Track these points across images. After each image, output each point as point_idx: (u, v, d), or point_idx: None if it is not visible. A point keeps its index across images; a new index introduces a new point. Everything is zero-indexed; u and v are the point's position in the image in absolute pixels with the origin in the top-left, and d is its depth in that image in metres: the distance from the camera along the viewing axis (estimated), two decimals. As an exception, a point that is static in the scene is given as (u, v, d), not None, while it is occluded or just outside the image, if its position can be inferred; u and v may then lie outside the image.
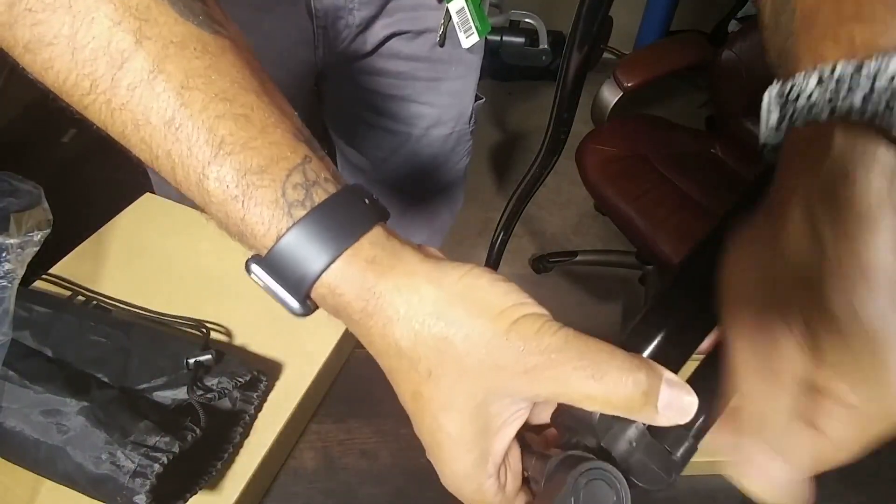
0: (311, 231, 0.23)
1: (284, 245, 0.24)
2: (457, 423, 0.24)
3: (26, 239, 0.44)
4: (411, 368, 0.24)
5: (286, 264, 0.24)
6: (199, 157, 0.23)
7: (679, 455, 0.26)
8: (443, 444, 0.25)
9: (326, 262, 0.23)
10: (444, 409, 0.24)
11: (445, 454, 0.25)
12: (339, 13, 0.59)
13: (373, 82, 0.71)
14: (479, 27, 0.63)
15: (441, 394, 0.24)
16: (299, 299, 0.25)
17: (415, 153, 0.79)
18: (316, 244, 0.23)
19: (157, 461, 0.37)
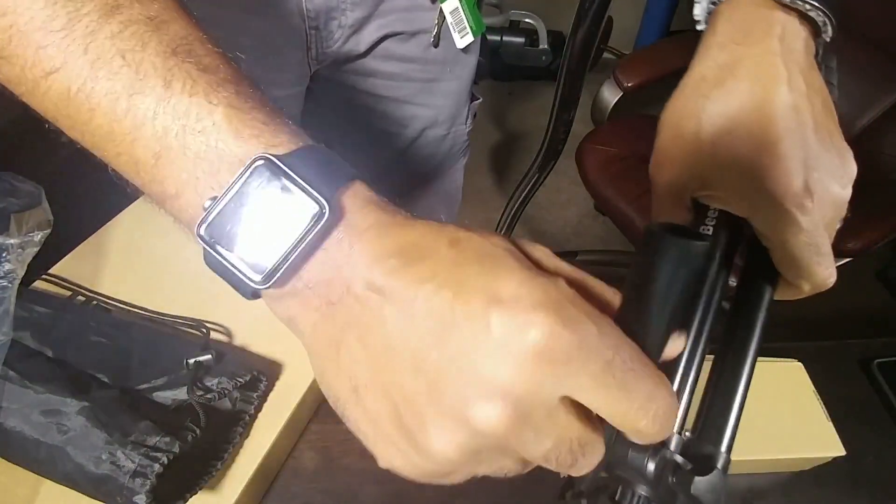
0: (333, 153, 0.24)
1: (321, 149, 0.23)
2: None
3: (26, 239, 0.44)
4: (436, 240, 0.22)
5: (323, 162, 0.23)
6: (215, 76, 0.23)
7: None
8: (500, 256, 0.21)
9: (355, 173, 0.23)
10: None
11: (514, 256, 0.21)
12: (331, 14, 0.59)
13: (367, 84, 0.70)
14: (473, 27, 0.63)
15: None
16: (332, 196, 0.22)
17: (411, 154, 0.79)
18: (343, 161, 0.23)
19: (157, 461, 0.37)
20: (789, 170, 0.27)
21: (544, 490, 0.51)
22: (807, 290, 0.30)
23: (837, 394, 0.56)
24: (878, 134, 1.27)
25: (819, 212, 0.27)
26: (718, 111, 0.29)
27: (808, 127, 0.28)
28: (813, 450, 0.52)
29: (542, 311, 0.19)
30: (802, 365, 0.58)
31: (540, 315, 0.19)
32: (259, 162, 0.21)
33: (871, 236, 1.12)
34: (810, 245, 0.28)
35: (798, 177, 0.27)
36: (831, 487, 0.54)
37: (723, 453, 0.27)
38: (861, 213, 1.17)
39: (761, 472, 0.54)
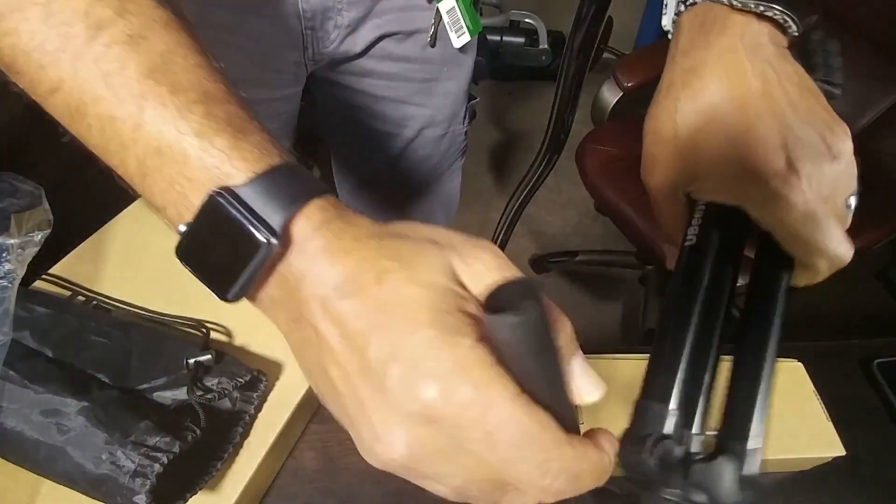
0: (297, 172, 0.25)
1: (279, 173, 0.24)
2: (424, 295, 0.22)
3: (27, 239, 0.44)
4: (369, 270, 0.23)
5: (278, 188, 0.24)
6: (184, 98, 0.24)
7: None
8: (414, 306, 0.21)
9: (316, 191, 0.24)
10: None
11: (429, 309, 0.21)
12: (327, 14, 0.59)
13: (364, 84, 0.70)
14: (470, 27, 0.63)
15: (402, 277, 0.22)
16: (278, 226, 0.23)
17: (408, 154, 0.79)
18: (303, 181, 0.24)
19: (158, 461, 0.37)
20: (768, 152, 0.29)
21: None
22: (825, 267, 0.31)
23: (837, 394, 0.56)
24: (878, 134, 1.27)
25: (811, 188, 0.29)
26: (690, 110, 0.31)
27: (784, 110, 0.29)
28: (813, 450, 0.52)
29: (432, 381, 0.20)
30: (802, 365, 0.58)
31: (430, 387, 0.20)
32: (216, 198, 0.23)
33: (871, 236, 1.12)
34: (808, 221, 0.29)
35: (778, 157, 0.29)
36: (831, 487, 0.54)
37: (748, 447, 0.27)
38: (861, 213, 1.17)
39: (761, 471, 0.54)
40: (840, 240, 0.30)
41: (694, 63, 0.32)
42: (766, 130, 0.29)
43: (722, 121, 0.30)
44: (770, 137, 0.29)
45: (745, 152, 0.29)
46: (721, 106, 0.30)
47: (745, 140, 0.29)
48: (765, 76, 0.30)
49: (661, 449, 0.25)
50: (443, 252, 0.23)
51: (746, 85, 0.30)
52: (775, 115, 0.29)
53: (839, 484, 0.54)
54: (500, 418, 0.20)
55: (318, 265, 0.23)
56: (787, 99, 0.30)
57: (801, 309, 1.65)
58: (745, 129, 0.29)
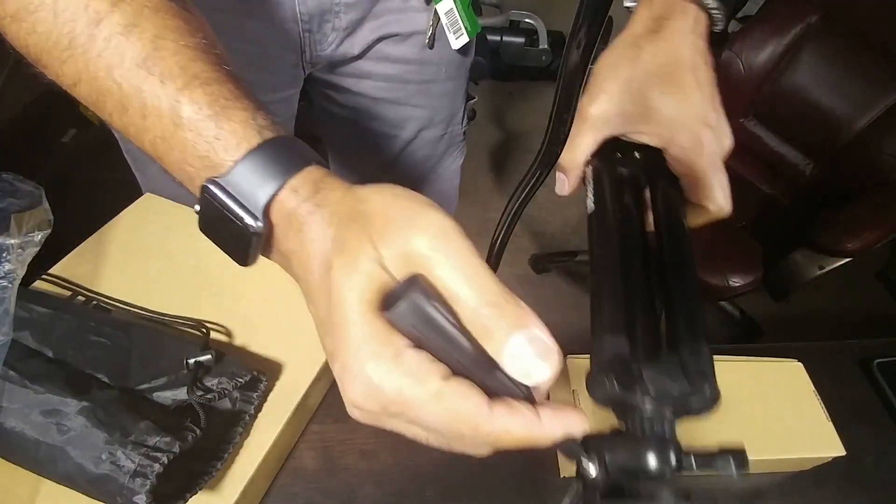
0: (280, 148, 0.27)
1: (254, 157, 0.26)
2: (362, 282, 0.24)
3: (27, 239, 0.44)
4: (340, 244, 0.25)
5: (252, 176, 0.26)
6: (172, 86, 0.26)
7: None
8: (355, 298, 0.24)
9: (296, 170, 0.26)
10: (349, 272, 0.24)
11: (356, 306, 0.24)
12: (324, 16, 0.59)
13: (362, 86, 0.70)
14: (468, 28, 0.62)
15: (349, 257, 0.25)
16: (258, 211, 0.26)
17: (407, 156, 0.78)
18: (285, 159, 0.26)
19: (158, 461, 0.37)
20: (706, 107, 0.38)
21: (545, 492, 0.52)
22: (712, 209, 0.39)
23: (837, 394, 0.56)
24: (878, 134, 1.27)
25: (716, 141, 0.37)
26: (650, 61, 0.38)
27: (705, 83, 0.38)
28: (813, 450, 0.52)
29: (360, 385, 0.24)
30: (802, 365, 0.58)
31: (357, 389, 0.24)
32: (208, 188, 0.26)
33: (871, 236, 1.12)
34: (713, 165, 0.37)
35: (711, 112, 0.38)
36: (831, 487, 0.54)
37: (692, 349, 0.29)
38: (861, 213, 1.17)
39: (761, 472, 0.54)
40: (727, 194, 0.38)
41: (657, 26, 0.39)
42: (698, 90, 0.38)
43: (668, 74, 0.38)
44: (710, 97, 0.38)
45: (682, 101, 0.37)
46: (676, 66, 0.38)
47: (683, 93, 0.38)
48: (705, 54, 0.39)
49: (619, 372, 0.27)
50: (382, 242, 0.24)
51: (689, 55, 0.38)
52: (710, 83, 0.38)
53: (839, 484, 0.54)
54: (418, 414, 0.24)
55: (296, 253, 0.26)
56: (705, 76, 0.38)
57: (801, 309, 1.65)
58: (686, 86, 0.38)
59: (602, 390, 0.27)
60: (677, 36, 0.38)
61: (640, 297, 0.31)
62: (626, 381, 0.27)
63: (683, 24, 0.38)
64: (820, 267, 1.19)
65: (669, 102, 0.38)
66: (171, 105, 0.26)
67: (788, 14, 1.37)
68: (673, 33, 0.38)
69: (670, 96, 0.38)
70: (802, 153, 1.42)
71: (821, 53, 1.34)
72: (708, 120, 0.37)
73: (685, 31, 0.38)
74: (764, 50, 1.38)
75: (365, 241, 0.24)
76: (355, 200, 0.26)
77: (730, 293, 1.24)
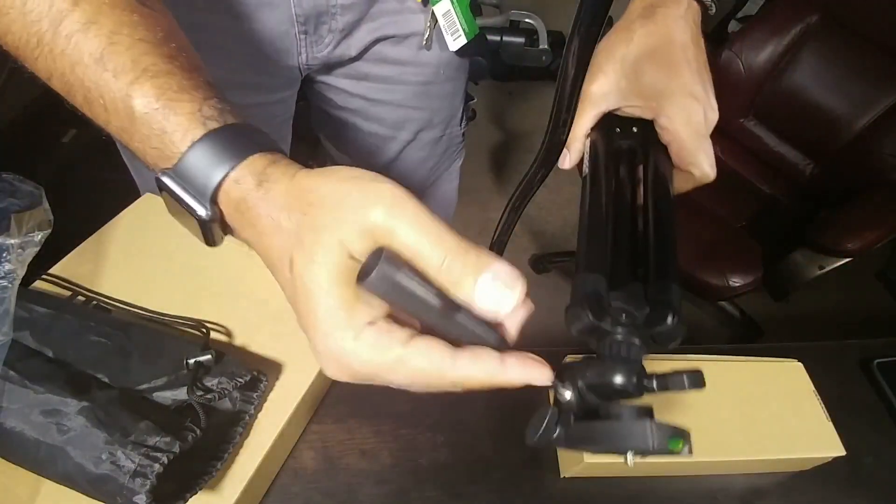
0: (224, 138, 0.28)
1: (199, 148, 0.27)
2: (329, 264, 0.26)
3: (27, 239, 0.44)
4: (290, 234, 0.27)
5: (198, 166, 0.27)
6: (124, 80, 0.27)
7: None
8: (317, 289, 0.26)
9: (238, 160, 0.28)
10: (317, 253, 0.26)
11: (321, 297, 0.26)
12: (320, 18, 0.59)
13: (360, 88, 0.70)
14: (466, 29, 0.62)
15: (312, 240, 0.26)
16: (206, 200, 0.28)
17: (406, 157, 0.78)
18: (229, 149, 0.28)
19: (158, 461, 0.37)
20: (693, 80, 0.42)
21: (545, 492, 0.52)
22: (697, 175, 0.43)
23: (837, 394, 0.56)
24: (878, 134, 1.27)
25: (702, 112, 0.41)
26: (642, 41, 0.41)
27: (693, 61, 0.42)
28: (813, 450, 0.52)
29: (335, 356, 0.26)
30: (802, 365, 0.58)
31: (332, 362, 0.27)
32: (161, 179, 0.28)
33: (871, 236, 1.12)
34: (699, 135, 0.41)
35: (698, 85, 0.42)
36: (831, 487, 0.54)
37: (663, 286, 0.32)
38: (861, 213, 1.17)
39: (761, 472, 0.54)
40: (711, 157, 0.42)
41: (650, 13, 0.43)
42: (688, 66, 0.42)
43: (661, 52, 0.42)
44: (691, 71, 0.42)
45: (674, 76, 0.42)
46: (662, 44, 0.42)
47: (675, 68, 0.42)
48: (692, 38, 0.43)
49: (593, 305, 0.30)
50: (344, 227, 0.26)
51: (681, 36, 0.42)
52: (699, 62, 0.42)
53: (839, 484, 0.54)
54: (386, 378, 0.27)
55: (255, 245, 0.28)
56: (695, 56, 0.42)
57: (801, 309, 1.65)
58: (677, 63, 0.42)
59: (578, 322, 0.30)
60: (669, 20, 0.42)
61: (620, 244, 0.35)
62: (599, 311, 0.30)
63: (675, 11, 0.43)
64: (820, 267, 1.19)
65: (659, 76, 0.42)
66: (123, 98, 0.27)
67: (788, 14, 1.37)
68: (665, 18, 0.42)
69: (660, 71, 0.42)
70: (802, 153, 1.42)
71: (821, 53, 1.34)
72: (695, 93, 0.42)
73: (676, 16, 0.42)
74: (764, 50, 1.38)
75: (321, 232, 0.26)
76: (301, 191, 0.27)
77: (730, 293, 1.24)
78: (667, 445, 0.27)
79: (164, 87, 0.28)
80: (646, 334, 0.30)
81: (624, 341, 0.30)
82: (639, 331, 0.30)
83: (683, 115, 0.41)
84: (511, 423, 0.55)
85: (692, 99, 0.41)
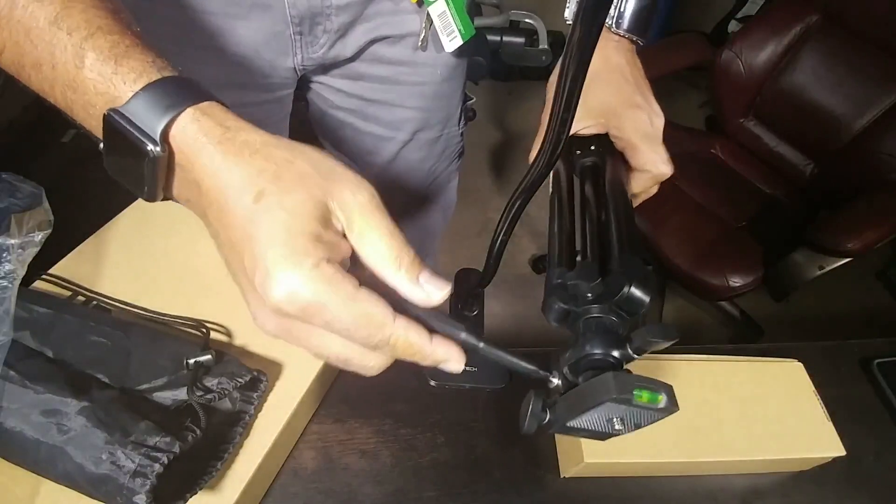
0: (177, 83, 0.28)
1: (152, 88, 0.28)
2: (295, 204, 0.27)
3: (27, 239, 0.44)
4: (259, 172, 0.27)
5: (150, 103, 0.28)
6: (78, 36, 0.28)
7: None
8: (287, 215, 0.27)
9: (193, 101, 0.28)
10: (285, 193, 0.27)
11: (289, 222, 0.27)
12: (315, 19, 0.59)
13: (357, 88, 0.70)
14: (462, 30, 0.62)
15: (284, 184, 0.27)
16: (156, 135, 0.28)
17: (404, 157, 0.78)
18: (183, 91, 0.28)
19: (158, 461, 0.37)
20: (627, 92, 0.48)
21: (545, 492, 0.52)
22: (654, 173, 0.47)
23: (837, 394, 0.56)
24: (877, 134, 1.27)
25: (646, 118, 0.47)
26: (595, 69, 0.42)
27: (631, 77, 0.49)
28: (813, 450, 0.52)
29: (280, 287, 0.26)
30: (802, 365, 0.58)
31: (277, 291, 0.26)
32: (108, 116, 0.28)
33: (871, 236, 1.11)
34: (648, 138, 0.46)
35: (634, 95, 0.48)
36: (831, 487, 0.54)
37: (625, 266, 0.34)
38: (861, 213, 1.17)
39: (761, 472, 0.54)
40: (664, 155, 0.46)
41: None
42: (634, 83, 0.48)
43: (604, 77, 0.48)
44: (636, 86, 0.48)
45: (617, 94, 0.48)
46: (605, 69, 0.48)
47: (619, 86, 0.48)
48: (633, 59, 0.50)
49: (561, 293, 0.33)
50: (323, 185, 0.28)
51: (622, 60, 0.49)
52: (636, 77, 0.49)
53: (839, 484, 0.54)
54: (332, 314, 0.27)
55: (210, 176, 0.28)
56: (632, 77, 0.49)
57: (801, 309, 1.65)
58: (620, 81, 0.48)
59: (551, 311, 0.33)
60: (604, 50, 0.49)
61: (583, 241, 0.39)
62: (567, 297, 0.33)
63: (608, 44, 0.49)
64: (820, 267, 1.19)
65: (604, 96, 0.47)
66: (75, 52, 0.28)
67: (788, 14, 1.37)
68: (602, 49, 0.48)
69: (604, 92, 0.47)
70: (802, 153, 1.41)
71: (821, 53, 1.34)
72: (637, 103, 0.47)
73: (610, 48, 0.49)
74: (764, 50, 1.38)
75: (307, 180, 0.27)
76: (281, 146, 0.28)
77: (730, 293, 1.24)
78: (631, 393, 0.27)
79: (118, 42, 0.28)
80: (614, 307, 0.32)
81: (593, 317, 0.31)
82: (607, 305, 0.32)
83: (630, 123, 0.46)
84: (511, 423, 0.55)
85: (636, 108, 0.47)
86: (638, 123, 0.47)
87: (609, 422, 0.29)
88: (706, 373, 0.55)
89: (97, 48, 0.28)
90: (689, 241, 1.28)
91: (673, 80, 1.75)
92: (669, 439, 0.50)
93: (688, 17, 2.38)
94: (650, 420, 0.29)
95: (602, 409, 0.28)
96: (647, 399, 0.28)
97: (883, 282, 1.86)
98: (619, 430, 0.29)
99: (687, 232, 1.30)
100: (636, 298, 0.31)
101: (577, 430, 0.30)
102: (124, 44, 0.29)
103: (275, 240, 0.26)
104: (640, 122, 0.47)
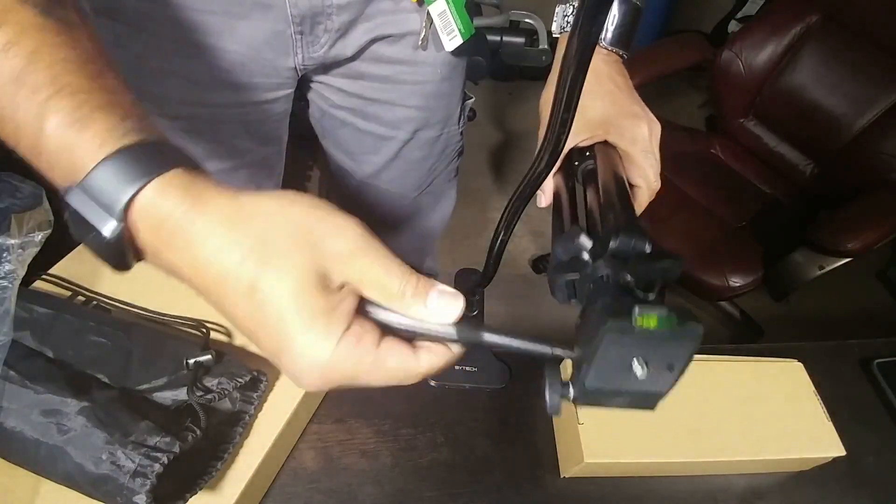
0: (138, 153, 0.26)
1: (110, 162, 0.26)
2: (293, 292, 0.26)
3: (27, 239, 0.44)
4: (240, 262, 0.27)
5: (107, 179, 0.26)
6: (40, 97, 0.26)
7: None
8: (289, 305, 0.26)
9: (156, 174, 0.26)
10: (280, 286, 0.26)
11: (296, 313, 0.26)
12: (316, 18, 0.59)
13: (357, 87, 0.70)
14: (462, 29, 0.62)
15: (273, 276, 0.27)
16: (114, 214, 0.26)
17: (404, 157, 0.78)
18: (144, 163, 0.26)
19: (158, 461, 0.37)
20: (623, 102, 0.48)
21: (545, 492, 0.52)
22: (644, 186, 0.47)
23: (837, 394, 0.56)
24: (877, 134, 1.27)
25: (645, 126, 0.47)
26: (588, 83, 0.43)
27: (623, 86, 0.49)
28: (813, 450, 0.52)
29: (312, 373, 0.27)
30: (802, 365, 0.58)
31: (312, 375, 0.27)
32: (67, 195, 0.27)
33: (871, 236, 1.12)
34: (645, 151, 0.46)
35: (630, 104, 0.48)
36: (831, 487, 0.54)
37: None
38: (861, 213, 1.17)
39: (761, 472, 0.54)
40: (657, 169, 0.47)
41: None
42: (627, 92, 0.49)
43: (597, 88, 0.48)
44: (629, 96, 0.49)
45: (613, 104, 0.48)
46: (597, 81, 0.48)
47: (614, 97, 0.48)
48: (620, 69, 0.50)
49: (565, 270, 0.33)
50: (309, 251, 0.27)
51: (613, 70, 0.49)
52: (628, 87, 0.50)
53: (839, 484, 0.54)
54: (365, 380, 0.28)
55: (189, 266, 0.28)
56: (629, 82, 0.50)
57: (801, 309, 1.65)
58: (614, 91, 0.49)
59: (557, 286, 0.33)
60: (595, 63, 0.48)
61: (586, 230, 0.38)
62: (568, 268, 0.33)
63: (596, 57, 0.48)
64: (820, 267, 1.19)
65: (599, 108, 0.47)
66: (37, 114, 0.26)
67: (788, 14, 1.37)
68: (599, 64, 0.49)
69: (599, 103, 0.48)
70: (802, 153, 1.41)
71: (821, 53, 1.34)
72: (634, 112, 0.47)
73: (598, 60, 0.49)
74: (764, 50, 1.38)
75: (292, 254, 0.26)
76: (252, 215, 0.27)
77: (730, 293, 1.24)
78: (629, 315, 0.24)
79: (82, 103, 0.27)
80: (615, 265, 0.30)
81: (597, 279, 0.31)
82: (606, 263, 0.31)
83: (629, 133, 0.46)
84: (511, 423, 0.55)
85: (633, 118, 0.47)
86: (637, 134, 0.47)
87: (629, 369, 0.25)
88: (706, 373, 0.55)
89: (60, 111, 0.26)
90: (689, 241, 1.28)
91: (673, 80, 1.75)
92: (669, 439, 0.50)
93: (687, 17, 2.38)
94: (680, 354, 0.24)
95: (609, 351, 0.24)
96: (655, 323, 0.23)
97: (883, 282, 1.86)
98: (648, 378, 0.24)
99: (687, 232, 1.30)
100: (627, 245, 0.31)
101: (605, 394, 0.27)
102: (88, 105, 0.27)
103: (288, 336, 0.26)
104: (639, 133, 0.47)
